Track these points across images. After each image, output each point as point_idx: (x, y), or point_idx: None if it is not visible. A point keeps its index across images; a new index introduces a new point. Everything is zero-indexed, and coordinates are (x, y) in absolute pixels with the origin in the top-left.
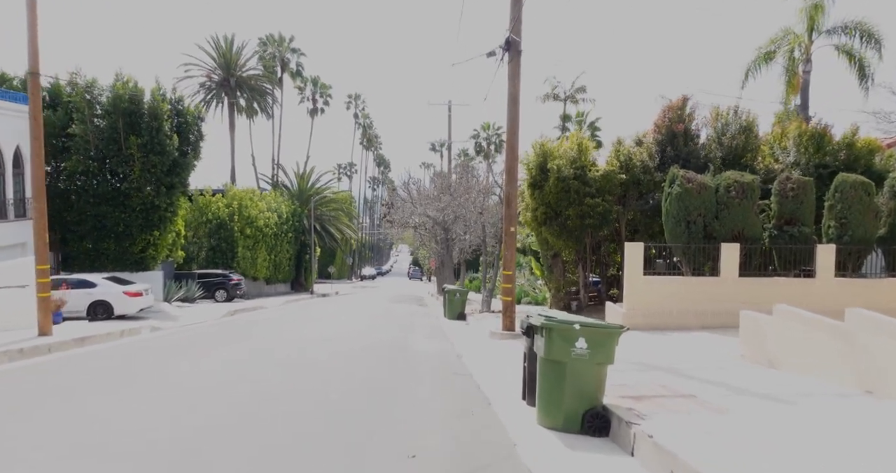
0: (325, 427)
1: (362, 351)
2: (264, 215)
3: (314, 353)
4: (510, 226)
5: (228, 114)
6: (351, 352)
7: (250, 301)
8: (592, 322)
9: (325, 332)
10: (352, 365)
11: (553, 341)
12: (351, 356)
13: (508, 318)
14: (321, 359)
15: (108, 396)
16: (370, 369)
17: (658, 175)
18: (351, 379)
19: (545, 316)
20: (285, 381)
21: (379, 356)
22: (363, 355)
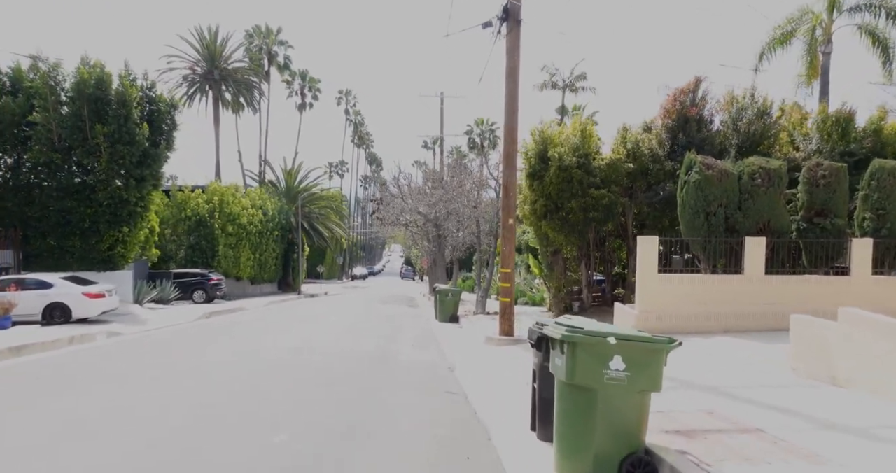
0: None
1: (338, 365)
2: (248, 212)
3: (276, 373)
4: (508, 217)
5: (213, 107)
6: (321, 369)
7: (232, 302)
8: (633, 334)
9: (299, 340)
10: (317, 392)
11: (578, 360)
12: (320, 374)
13: (507, 321)
14: (281, 380)
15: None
16: (341, 399)
17: (669, 164)
18: (313, 409)
19: (567, 326)
20: (211, 429)
21: (356, 372)
22: (337, 372)
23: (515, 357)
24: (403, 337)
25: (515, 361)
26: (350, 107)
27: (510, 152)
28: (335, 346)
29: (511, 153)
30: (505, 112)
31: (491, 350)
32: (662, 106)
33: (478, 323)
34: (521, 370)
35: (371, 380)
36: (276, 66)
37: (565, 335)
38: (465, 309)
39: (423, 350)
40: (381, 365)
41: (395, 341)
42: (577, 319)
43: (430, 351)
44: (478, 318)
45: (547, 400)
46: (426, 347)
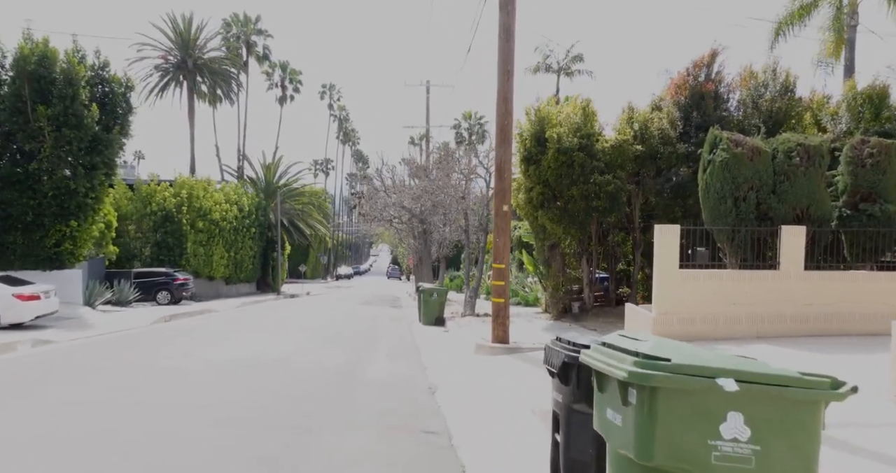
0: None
1: (284, 389)
2: (221, 207)
3: (177, 408)
4: (502, 203)
5: (188, 98)
6: (255, 396)
7: (201, 303)
8: (764, 371)
9: (252, 350)
10: (218, 440)
11: (664, 420)
12: (249, 404)
13: (500, 326)
14: (179, 418)
15: None
16: (252, 457)
17: (682, 146)
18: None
19: (639, 356)
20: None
21: (303, 398)
22: (275, 401)
23: (513, 371)
24: (379, 345)
25: (514, 377)
26: (334, 102)
27: (504, 125)
28: (292, 359)
29: (505, 126)
30: (498, 76)
31: (482, 361)
32: (673, 82)
33: (466, 327)
34: (524, 390)
35: (320, 413)
36: (254, 56)
37: (639, 373)
38: (452, 310)
39: (401, 362)
40: (342, 387)
41: (369, 350)
42: (653, 341)
43: (408, 364)
44: (466, 321)
45: (578, 466)
46: (404, 358)
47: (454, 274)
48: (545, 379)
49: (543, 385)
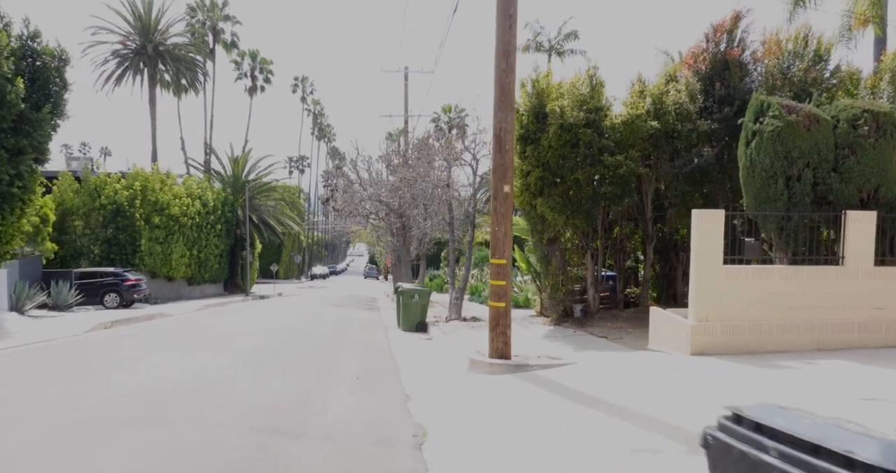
0: None
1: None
2: (181, 202)
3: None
4: (503, 183)
5: (148, 87)
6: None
7: (157, 306)
8: None
9: (175, 374)
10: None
11: None
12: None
13: (501, 336)
14: None
15: None
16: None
17: (703, 123)
18: None
19: None
20: None
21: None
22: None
23: (526, 403)
24: (345, 364)
25: (530, 415)
26: (307, 95)
27: (505, 84)
28: (216, 390)
29: (506, 86)
30: (497, 23)
31: (481, 385)
32: (689, 50)
33: (453, 334)
34: (548, 437)
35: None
36: (221, 44)
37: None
38: (435, 313)
39: (372, 391)
40: (273, 446)
41: (330, 373)
42: None
43: (382, 394)
44: (452, 326)
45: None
46: (377, 383)
47: (434, 274)
48: (572, 418)
49: (574, 430)
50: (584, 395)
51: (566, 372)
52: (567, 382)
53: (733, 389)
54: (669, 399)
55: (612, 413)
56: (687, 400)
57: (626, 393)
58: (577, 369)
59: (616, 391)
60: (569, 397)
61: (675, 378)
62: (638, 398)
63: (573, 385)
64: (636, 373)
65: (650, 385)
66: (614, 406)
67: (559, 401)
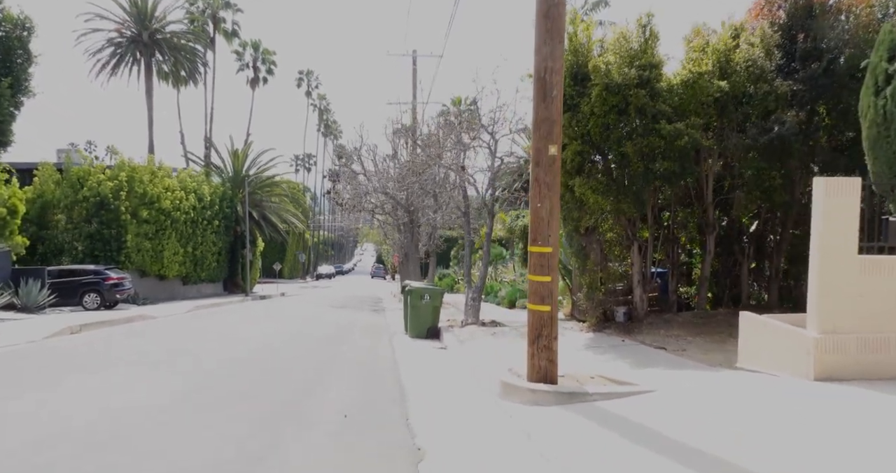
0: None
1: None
2: (173, 195)
3: None
4: (548, 142)
5: (145, 77)
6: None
7: (143, 307)
8: None
9: (76, 413)
10: None
11: None
12: None
13: (545, 352)
14: None
15: None
16: None
17: (782, 84)
18: None
19: None
20: None
21: None
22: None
23: (595, 457)
24: (333, 390)
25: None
26: (312, 90)
27: (552, 6)
28: (111, 455)
29: (552, 9)
30: None
31: (524, 424)
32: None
33: (472, 342)
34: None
35: None
36: (222, 33)
37: None
38: (448, 316)
39: (362, 441)
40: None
41: (310, 407)
42: None
43: (378, 446)
44: (469, 333)
45: None
46: (372, 425)
47: (443, 272)
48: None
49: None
50: (694, 452)
51: (644, 406)
52: (653, 423)
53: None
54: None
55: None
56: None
57: (759, 451)
58: (658, 400)
59: (743, 447)
60: (667, 453)
61: (824, 423)
62: (792, 462)
63: (666, 430)
64: (751, 411)
65: (793, 435)
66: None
67: (653, 461)
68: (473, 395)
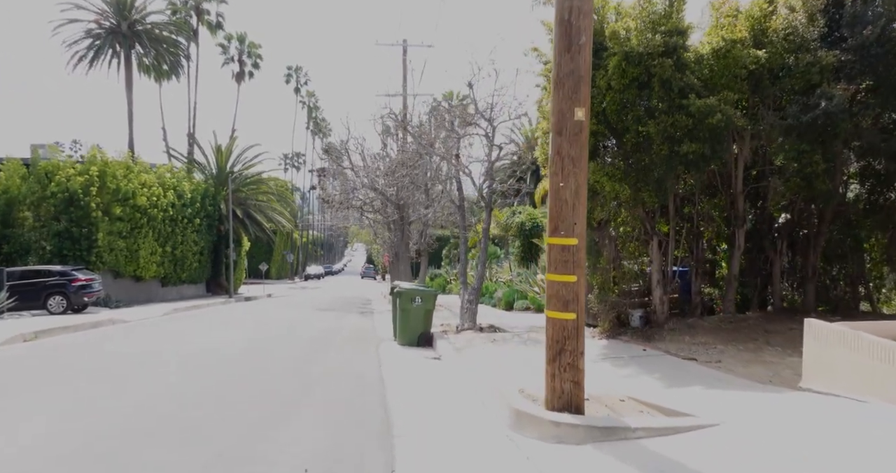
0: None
1: None
2: (150, 191)
3: None
4: (573, 103)
5: (125, 68)
6: None
7: (116, 310)
8: None
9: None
10: None
11: None
12: None
13: (568, 371)
14: None
15: None
16: None
17: (827, 55)
18: None
19: None
20: None
21: None
22: None
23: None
24: (296, 428)
25: None
26: (301, 86)
27: None
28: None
29: None
30: None
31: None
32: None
33: (469, 351)
34: None
35: None
36: (206, 25)
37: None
38: (442, 319)
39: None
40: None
41: (259, 458)
42: None
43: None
44: (466, 339)
45: None
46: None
47: (435, 272)
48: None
49: None
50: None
51: (710, 449)
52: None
53: None
54: None
55: None
56: None
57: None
58: (726, 439)
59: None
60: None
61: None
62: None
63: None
64: (865, 460)
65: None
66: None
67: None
68: (478, 426)
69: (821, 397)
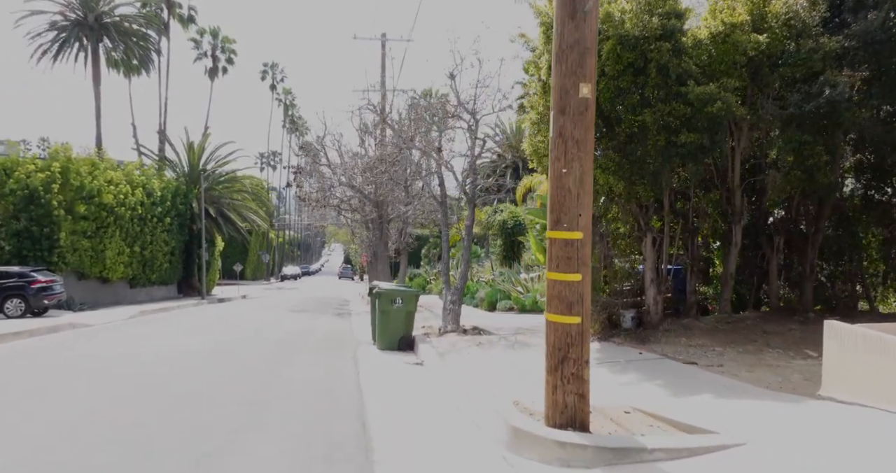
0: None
1: None
2: (118, 189)
3: None
4: (578, 79)
5: (92, 63)
6: None
7: (79, 313)
8: None
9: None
10: None
11: None
12: None
13: (572, 382)
14: None
15: None
16: None
17: (830, 40)
18: None
19: None
20: None
21: None
22: None
23: None
24: (257, 453)
25: None
26: (277, 83)
27: None
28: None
29: None
30: None
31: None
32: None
33: (454, 356)
34: None
35: None
36: (177, 18)
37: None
38: (423, 321)
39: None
40: None
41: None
42: None
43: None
44: (449, 342)
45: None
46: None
47: (414, 272)
48: None
49: None
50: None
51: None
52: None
53: None
54: None
55: None
56: None
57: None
58: (756, 462)
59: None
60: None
61: None
62: None
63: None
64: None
65: None
66: None
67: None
68: (470, 447)
69: (846, 407)
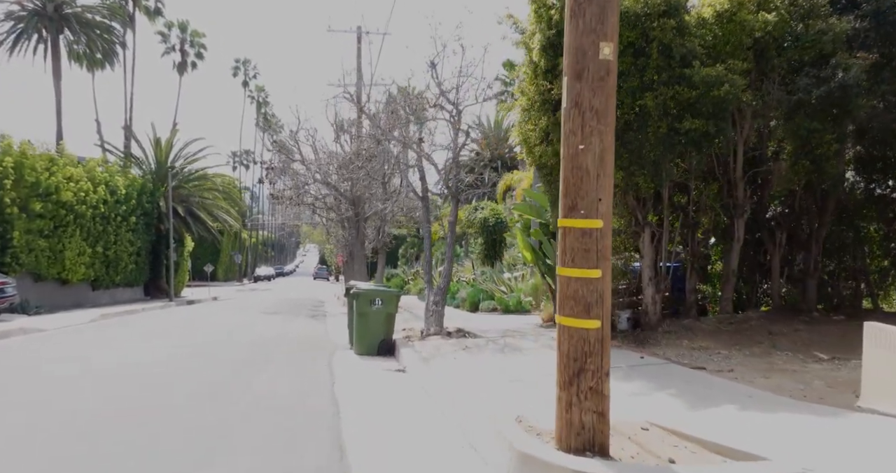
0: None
1: None
2: (78, 186)
3: None
4: (597, 36)
5: (52, 55)
6: None
7: (38, 316)
8: None
9: None
10: None
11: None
12: None
13: (590, 398)
14: None
15: None
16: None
17: (840, 22)
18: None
19: None
20: None
21: None
22: None
23: None
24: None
25: None
26: (250, 79)
27: None
28: None
29: None
30: None
31: None
32: None
33: (439, 361)
34: None
35: None
36: (143, 10)
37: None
38: (403, 322)
39: None
40: None
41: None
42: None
43: None
44: (433, 346)
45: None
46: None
47: (392, 272)
48: None
49: None
50: None
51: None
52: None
53: None
54: None
55: None
56: None
57: None
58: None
59: None
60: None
61: None
62: None
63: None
64: None
65: None
66: None
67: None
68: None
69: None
